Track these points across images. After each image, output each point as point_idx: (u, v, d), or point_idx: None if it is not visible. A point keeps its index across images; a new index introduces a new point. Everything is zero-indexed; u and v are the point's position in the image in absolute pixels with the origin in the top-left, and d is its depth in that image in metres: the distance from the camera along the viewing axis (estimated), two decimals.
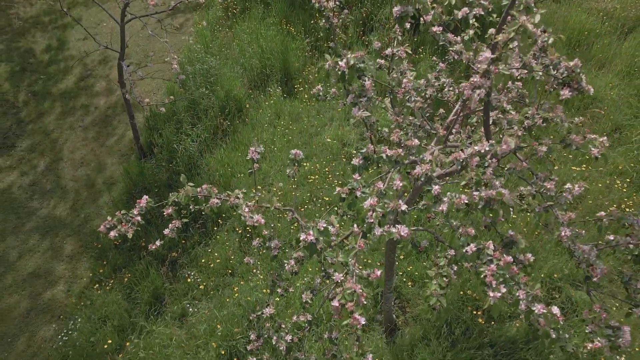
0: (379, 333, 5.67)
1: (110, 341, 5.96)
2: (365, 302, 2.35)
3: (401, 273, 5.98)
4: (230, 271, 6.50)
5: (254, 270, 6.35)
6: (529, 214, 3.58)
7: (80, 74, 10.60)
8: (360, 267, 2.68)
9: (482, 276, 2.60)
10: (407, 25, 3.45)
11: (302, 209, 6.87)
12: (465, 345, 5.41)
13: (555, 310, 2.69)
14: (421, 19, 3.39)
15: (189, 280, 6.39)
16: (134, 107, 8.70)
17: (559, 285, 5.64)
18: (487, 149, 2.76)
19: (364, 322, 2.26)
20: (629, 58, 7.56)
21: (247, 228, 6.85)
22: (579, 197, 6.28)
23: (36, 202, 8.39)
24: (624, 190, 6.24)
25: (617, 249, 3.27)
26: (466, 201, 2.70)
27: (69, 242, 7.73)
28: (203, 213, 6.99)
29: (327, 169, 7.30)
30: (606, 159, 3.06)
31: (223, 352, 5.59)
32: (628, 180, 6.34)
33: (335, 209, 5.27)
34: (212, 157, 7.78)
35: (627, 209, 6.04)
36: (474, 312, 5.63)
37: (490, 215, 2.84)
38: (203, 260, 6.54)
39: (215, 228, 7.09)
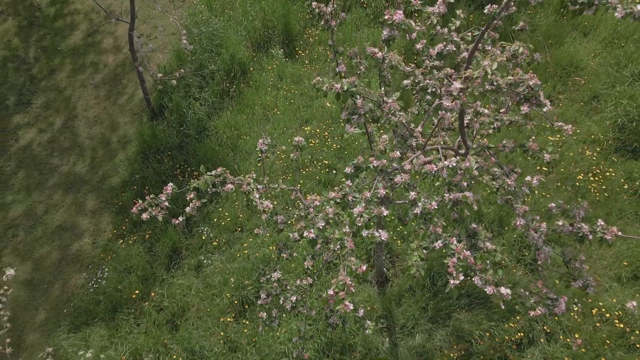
0: (371, 285, 6.53)
1: (137, 291, 6.84)
2: (353, 291, 3.10)
3: (392, 232, 6.76)
4: (239, 229, 7.29)
5: (261, 228, 7.13)
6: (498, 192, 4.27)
7: (86, 29, 10.92)
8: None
9: (446, 266, 3.34)
10: None
11: (304, 171, 7.55)
12: (445, 295, 6.26)
13: (503, 290, 3.44)
14: (407, 36, 3.92)
15: (203, 237, 7.18)
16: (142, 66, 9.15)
17: (528, 244, 6.42)
18: (454, 164, 3.41)
19: (352, 308, 3.01)
20: (613, 26, 7.96)
21: None
22: (553, 164, 6.94)
23: (56, 159, 9.05)
24: (594, 158, 6.90)
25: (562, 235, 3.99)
26: (436, 206, 3.39)
27: (90, 198, 8.47)
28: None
29: (326, 133, 7.92)
30: (556, 162, 3.70)
31: (236, 302, 6.48)
32: (598, 149, 6.98)
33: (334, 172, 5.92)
34: (220, 119, 8.37)
35: (593, 178, 6.72)
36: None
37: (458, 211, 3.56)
38: (215, 220, 7.31)
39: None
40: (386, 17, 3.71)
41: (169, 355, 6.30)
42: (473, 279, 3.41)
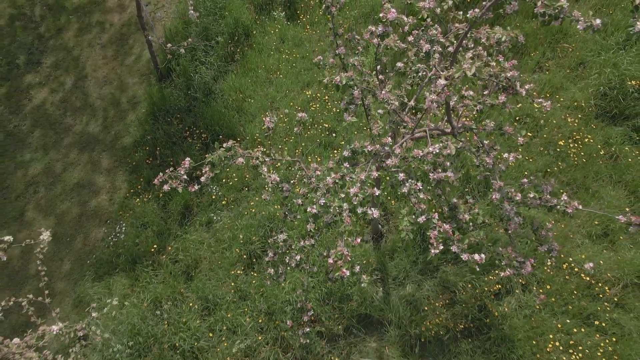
0: (367, 241, 7.19)
1: (155, 246, 7.52)
2: (349, 260, 3.72)
3: (386, 193, 7.36)
4: (246, 188, 7.89)
5: (266, 188, 7.72)
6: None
7: None
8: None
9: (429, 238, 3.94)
10: None
11: (306, 134, 8.06)
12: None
13: (477, 257, 4.06)
14: (400, 29, 4.36)
15: (213, 196, 7.78)
16: (147, 24, 9.44)
17: None
18: (437, 151, 3.94)
19: (348, 274, 3.63)
20: None
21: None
22: (538, 128, 7.46)
23: (69, 118, 9.52)
24: (575, 124, 7.40)
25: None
26: (420, 187, 3.96)
27: (104, 156, 9.02)
28: (220, 137, 8.20)
29: (326, 97, 8.36)
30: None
31: (245, 256, 7.16)
32: (580, 115, 7.46)
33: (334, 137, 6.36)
34: (225, 82, 8.79)
35: (573, 144, 7.25)
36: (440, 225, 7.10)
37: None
38: (224, 180, 7.89)
39: None
40: (381, 15, 4.14)
41: (185, 302, 7.04)
42: (451, 248, 4.03)
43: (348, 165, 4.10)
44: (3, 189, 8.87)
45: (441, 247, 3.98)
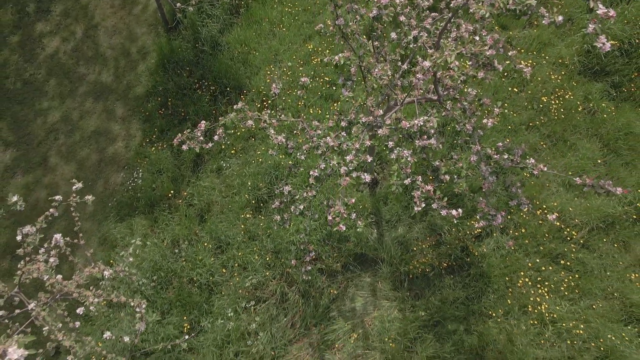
0: (362, 190, 7.94)
1: (172, 192, 8.27)
2: (346, 216, 4.46)
3: (381, 145, 8.01)
4: (253, 138, 8.54)
5: (271, 139, 8.37)
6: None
7: None
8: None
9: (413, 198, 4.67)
10: None
11: (308, 87, 8.59)
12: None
13: (454, 212, 4.79)
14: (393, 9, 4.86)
15: (222, 146, 8.45)
16: None
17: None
18: (421, 123, 4.58)
19: (344, 229, 4.38)
20: None
21: (264, 102, 8.66)
22: (524, 84, 8.01)
23: (82, 67, 10.01)
24: (559, 80, 7.93)
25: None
26: (408, 154, 4.63)
27: (118, 105, 9.59)
28: (228, 89, 8.75)
29: (328, 50, 8.83)
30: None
31: (253, 201, 7.94)
32: (563, 72, 7.98)
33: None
34: (231, 35, 9.21)
35: (555, 100, 7.81)
36: (431, 178, 7.81)
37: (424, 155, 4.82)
38: (232, 132, 8.52)
39: (239, 100, 8.90)
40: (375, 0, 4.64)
41: (200, 242, 7.89)
42: (432, 205, 4.76)
43: (345, 134, 4.75)
44: (25, 136, 9.51)
45: (423, 205, 4.72)
